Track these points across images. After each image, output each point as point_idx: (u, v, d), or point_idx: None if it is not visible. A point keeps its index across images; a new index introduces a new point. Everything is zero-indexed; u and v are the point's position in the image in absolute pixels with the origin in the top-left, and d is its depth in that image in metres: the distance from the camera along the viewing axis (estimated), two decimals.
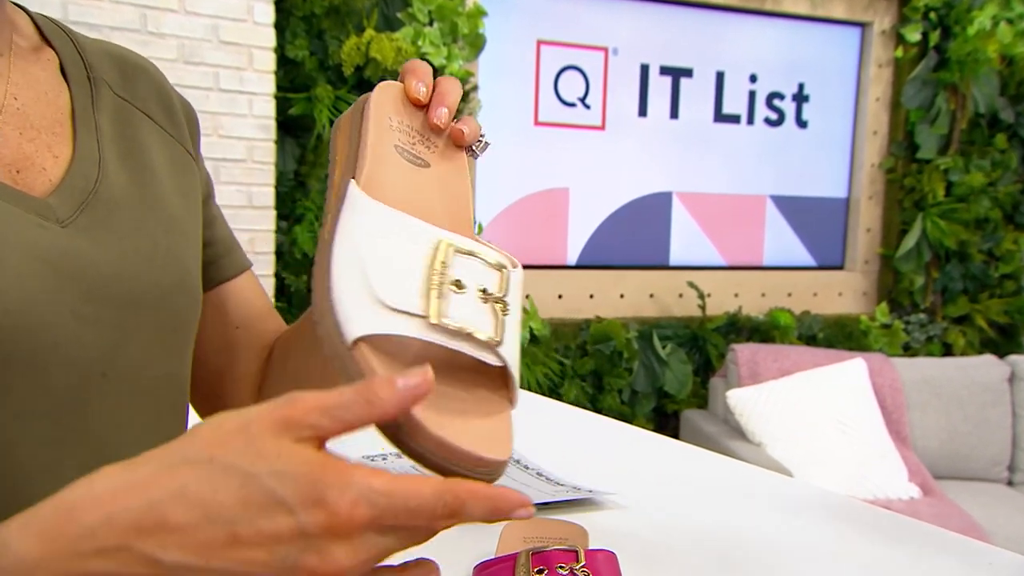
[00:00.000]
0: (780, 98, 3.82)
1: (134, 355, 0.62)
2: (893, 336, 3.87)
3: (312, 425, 0.42)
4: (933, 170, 3.89)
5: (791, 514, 0.98)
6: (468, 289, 0.51)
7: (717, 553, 0.85)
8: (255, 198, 2.74)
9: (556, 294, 3.45)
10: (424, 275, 0.51)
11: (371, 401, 0.43)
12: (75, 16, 2.45)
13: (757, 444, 3.09)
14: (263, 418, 0.43)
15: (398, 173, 0.60)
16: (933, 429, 3.32)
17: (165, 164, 0.69)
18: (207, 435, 0.43)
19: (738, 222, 3.81)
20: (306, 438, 0.42)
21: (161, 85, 0.74)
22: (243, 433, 0.42)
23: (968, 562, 0.84)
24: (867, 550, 0.87)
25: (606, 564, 0.68)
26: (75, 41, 0.69)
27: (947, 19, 3.84)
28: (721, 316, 3.64)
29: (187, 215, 0.70)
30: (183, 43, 2.60)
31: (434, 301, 0.49)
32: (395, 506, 0.42)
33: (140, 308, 0.62)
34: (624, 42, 3.53)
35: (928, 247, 3.92)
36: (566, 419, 1.47)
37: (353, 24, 2.95)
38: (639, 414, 3.49)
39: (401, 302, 0.49)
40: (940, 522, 2.77)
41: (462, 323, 0.49)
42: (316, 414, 0.42)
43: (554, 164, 3.47)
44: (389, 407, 0.43)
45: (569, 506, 0.98)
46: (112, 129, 0.66)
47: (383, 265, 0.51)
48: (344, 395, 0.43)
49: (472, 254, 0.53)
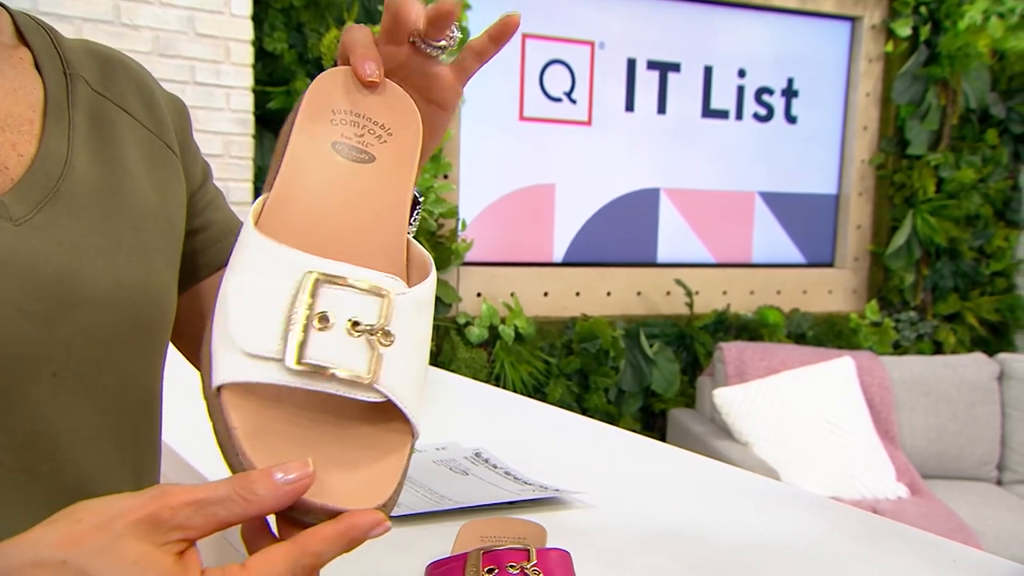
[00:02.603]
0: (769, 93, 3.79)
1: (90, 355, 0.60)
2: (883, 334, 3.84)
3: (181, 525, 0.41)
4: (923, 166, 3.87)
5: (759, 512, 0.98)
6: (336, 323, 0.47)
7: (681, 552, 0.83)
8: (233, 194, 2.69)
9: (542, 292, 3.41)
10: (284, 314, 0.47)
11: (248, 499, 0.42)
12: (46, 7, 2.40)
13: (744, 444, 3.05)
14: (128, 514, 0.41)
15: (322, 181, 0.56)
16: (922, 428, 3.29)
17: (142, 160, 0.68)
18: (64, 532, 0.41)
19: (727, 219, 3.77)
20: (173, 540, 0.41)
21: (143, 82, 0.72)
22: (103, 531, 0.41)
23: (933, 560, 0.84)
24: (833, 547, 0.87)
25: (559, 563, 0.65)
26: (53, 37, 0.68)
27: (937, 13, 3.81)
28: (709, 314, 3.61)
29: (164, 211, 0.68)
30: (158, 35, 2.56)
31: (291, 342, 0.46)
32: None
33: (97, 308, 0.60)
34: (610, 36, 3.49)
35: (918, 244, 3.89)
36: (539, 418, 1.45)
37: (333, 16, 2.90)
38: (626, 413, 3.45)
39: (256, 346, 0.46)
40: (928, 522, 2.76)
41: (323, 362, 0.46)
42: (188, 511, 0.41)
43: (540, 160, 3.43)
44: (267, 504, 0.42)
45: (536, 505, 0.97)
46: (87, 125, 0.65)
47: (243, 307, 0.48)
48: (219, 490, 0.42)
49: (342, 282, 0.48)
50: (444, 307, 3.16)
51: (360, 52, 0.60)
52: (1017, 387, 3.33)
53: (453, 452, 1.07)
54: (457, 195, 3.26)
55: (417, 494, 0.89)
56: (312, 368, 0.46)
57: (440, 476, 0.97)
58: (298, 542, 0.43)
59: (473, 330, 3.20)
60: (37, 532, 0.42)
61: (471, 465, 1.02)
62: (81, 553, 0.40)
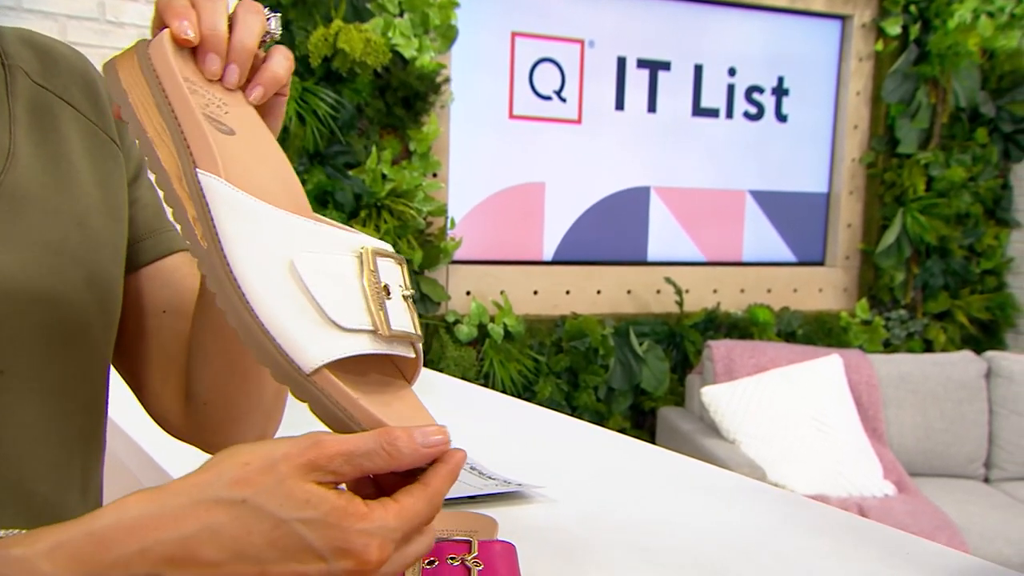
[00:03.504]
0: (760, 92, 3.79)
1: (35, 352, 0.60)
2: (873, 332, 3.84)
3: (335, 471, 0.46)
4: (914, 165, 3.87)
5: (719, 506, 0.99)
6: (394, 293, 0.52)
7: (637, 546, 0.84)
8: None
9: (531, 290, 3.42)
10: (361, 287, 0.50)
11: (391, 455, 0.47)
12: (29, 3, 2.41)
13: (731, 441, 3.06)
14: (290, 459, 0.45)
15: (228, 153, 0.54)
16: (909, 426, 3.30)
17: (85, 153, 0.67)
18: (235, 473, 0.45)
19: (717, 217, 3.78)
20: (328, 481, 0.46)
21: (85, 72, 0.70)
22: (271, 474, 0.45)
23: (886, 551, 0.85)
24: (788, 540, 0.88)
25: (502, 555, 0.65)
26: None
27: (927, 12, 3.81)
28: (699, 312, 3.61)
29: (107, 206, 0.67)
30: (144, 33, 2.56)
31: (378, 313, 0.50)
32: (408, 531, 0.47)
33: (45, 305, 0.60)
34: (600, 34, 3.49)
35: (909, 243, 3.89)
36: (515, 415, 1.46)
37: (321, 14, 2.90)
38: (615, 412, 3.46)
39: (351, 320, 0.49)
40: (914, 519, 2.77)
41: (405, 328, 0.51)
42: (340, 460, 0.46)
43: (529, 158, 3.44)
44: (406, 461, 0.47)
45: (497, 500, 0.97)
46: (28, 118, 0.64)
47: (326, 285, 0.49)
48: (367, 443, 0.47)
49: (386, 255, 0.53)
50: (433, 305, 3.16)
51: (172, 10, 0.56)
52: (1004, 385, 3.34)
53: None
54: (446, 193, 3.26)
55: None
56: (402, 335, 0.51)
57: None
58: (427, 482, 0.48)
59: (462, 328, 3.21)
60: (206, 475, 0.46)
61: None
62: (257, 492, 0.45)
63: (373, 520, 0.45)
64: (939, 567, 0.81)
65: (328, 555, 0.45)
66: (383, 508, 0.46)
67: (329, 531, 0.45)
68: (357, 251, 0.51)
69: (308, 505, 0.45)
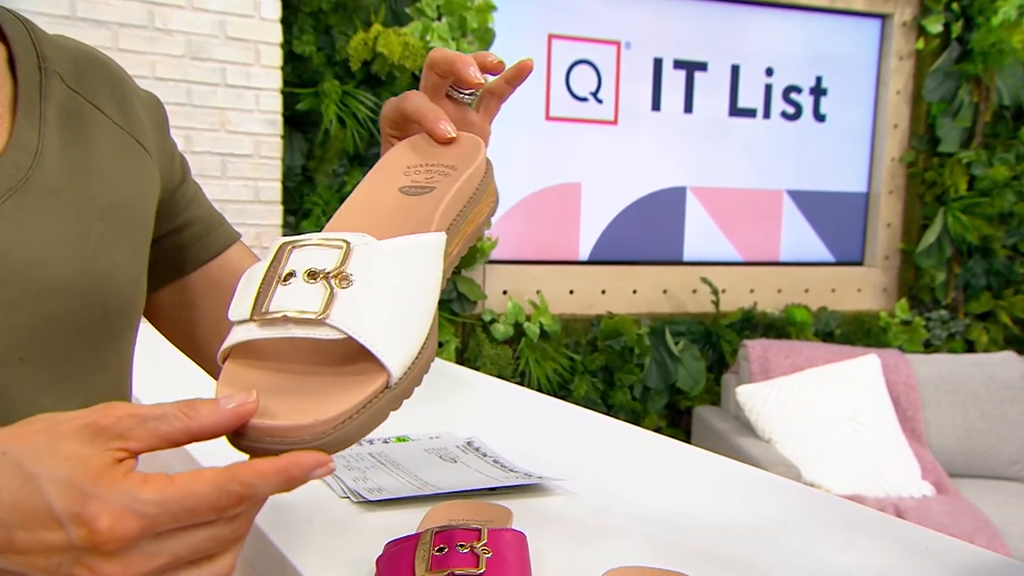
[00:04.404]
0: (797, 91, 3.77)
1: (57, 342, 0.62)
2: (913, 333, 3.81)
3: (121, 434, 0.42)
4: (955, 164, 3.83)
5: (740, 501, 0.97)
6: (296, 277, 0.51)
7: (653, 538, 0.85)
8: (262, 193, 2.76)
9: (567, 289, 3.44)
10: (258, 282, 0.52)
11: (189, 416, 0.43)
12: (83, 12, 2.49)
13: (767, 441, 3.06)
14: (73, 420, 0.42)
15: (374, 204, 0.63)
16: (949, 426, 3.27)
17: (113, 154, 0.70)
18: (18, 430, 0.43)
19: (754, 217, 3.77)
20: (113, 448, 0.42)
21: (119, 80, 0.74)
22: (47, 432, 0.42)
23: (905, 546, 0.84)
24: (805, 534, 0.87)
25: (511, 543, 0.67)
26: (32, 33, 0.69)
27: (970, 10, 3.77)
28: (736, 312, 3.61)
29: (135, 202, 0.70)
30: (190, 39, 2.64)
31: (258, 301, 0.51)
32: (169, 511, 0.41)
33: (64, 295, 0.62)
34: (637, 36, 3.51)
35: (950, 242, 3.85)
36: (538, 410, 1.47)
37: (360, 19, 2.96)
38: (651, 410, 3.47)
39: (236, 314, 0.52)
40: (952, 520, 2.74)
41: (278, 309, 0.50)
42: (130, 421, 0.42)
43: (566, 159, 3.46)
44: (206, 422, 0.43)
45: (518, 492, 0.98)
46: (59, 119, 0.67)
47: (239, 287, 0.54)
48: (163, 408, 0.43)
49: (306, 243, 0.53)
50: (470, 304, 3.21)
51: (431, 116, 0.66)
52: None
53: (446, 441, 1.10)
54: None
55: (401, 480, 0.93)
56: (270, 317, 0.50)
57: (429, 464, 1.01)
58: (230, 468, 0.43)
59: (498, 327, 3.25)
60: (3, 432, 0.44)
61: (461, 453, 1.06)
62: (22, 449, 0.42)
63: (119, 487, 0.41)
64: (956, 562, 0.80)
65: (65, 520, 0.40)
66: (143, 479, 0.41)
67: (71, 492, 0.40)
68: (276, 248, 0.54)
69: (65, 464, 0.41)
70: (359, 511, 0.85)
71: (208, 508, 0.42)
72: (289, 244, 0.54)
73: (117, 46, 2.53)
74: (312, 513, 0.84)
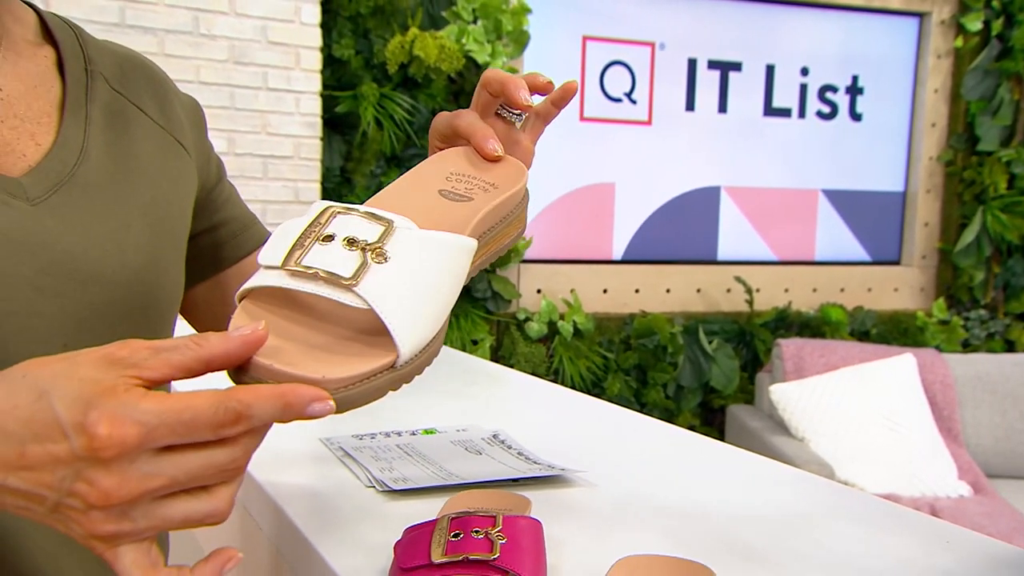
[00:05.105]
0: (833, 91, 3.76)
1: (99, 331, 0.64)
2: (951, 332, 3.77)
3: (136, 363, 0.44)
4: (995, 162, 3.79)
5: (762, 494, 0.97)
6: (335, 240, 0.53)
7: (672, 530, 0.85)
8: (301, 194, 2.83)
9: (601, 288, 3.47)
10: (296, 235, 0.54)
11: (200, 344, 0.45)
12: (132, 20, 2.57)
13: (800, 439, 3.06)
14: (92, 353, 0.44)
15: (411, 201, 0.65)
16: (987, 426, 3.24)
17: (154, 152, 0.74)
18: (38, 358, 0.45)
19: (789, 217, 3.77)
20: (128, 375, 0.43)
21: (161, 83, 0.78)
22: (67, 360, 0.44)
23: (926, 539, 0.83)
24: (825, 526, 0.86)
25: (527, 531, 0.68)
26: (80, 37, 0.73)
27: (1011, 7, 3.73)
28: (770, 311, 3.61)
29: (174, 198, 0.74)
30: (233, 44, 2.71)
31: (292, 253, 0.52)
32: (167, 422, 0.42)
33: (106, 285, 0.65)
34: (671, 37, 3.52)
35: (989, 241, 3.81)
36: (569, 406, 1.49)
37: (398, 23, 3.02)
38: (684, 409, 3.49)
39: (267, 259, 0.53)
40: (989, 520, 2.73)
41: (312, 264, 0.51)
42: (145, 352, 0.44)
43: (600, 159, 3.49)
44: (216, 350, 0.45)
45: (540, 483, 1.00)
46: (103, 119, 0.70)
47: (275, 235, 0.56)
48: (177, 340, 0.45)
49: (353, 211, 0.56)
50: (504, 303, 3.25)
51: (481, 134, 0.69)
52: None
53: (472, 434, 1.14)
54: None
55: (426, 470, 0.97)
56: (303, 270, 0.51)
57: (454, 455, 1.04)
58: (228, 388, 0.44)
59: (533, 325, 3.28)
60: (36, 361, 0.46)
61: (486, 446, 1.09)
62: (41, 373, 0.44)
63: (120, 399, 0.42)
64: (977, 553, 0.80)
65: (69, 430, 0.42)
66: (144, 393, 0.43)
67: (76, 405, 0.42)
68: (320, 210, 0.56)
69: (78, 384, 0.42)
70: (383, 500, 0.87)
71: (206, 423, 0.43)
72: (333, 208, 0.56)
73: (163, 51, 2.61)
74: (338, 501, 0.86)
